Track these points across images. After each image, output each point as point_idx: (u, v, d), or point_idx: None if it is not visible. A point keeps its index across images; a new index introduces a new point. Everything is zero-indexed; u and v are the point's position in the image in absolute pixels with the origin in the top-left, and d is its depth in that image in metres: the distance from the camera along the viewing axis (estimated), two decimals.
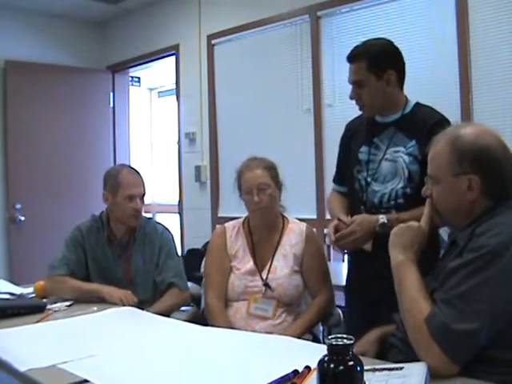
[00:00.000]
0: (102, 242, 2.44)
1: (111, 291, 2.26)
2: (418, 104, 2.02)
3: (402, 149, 1.96)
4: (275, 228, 2.26)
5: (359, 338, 1.65)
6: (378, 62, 1.93)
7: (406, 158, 1.94)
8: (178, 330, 1.89)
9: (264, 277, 2.17)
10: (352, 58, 1.97)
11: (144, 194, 2.44)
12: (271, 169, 2.22)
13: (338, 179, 2.26)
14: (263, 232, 2.26)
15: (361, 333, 1.68)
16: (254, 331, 1.99)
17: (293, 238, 2.23)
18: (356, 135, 2.12)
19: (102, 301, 2.25)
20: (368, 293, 2.00)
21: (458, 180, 1.40)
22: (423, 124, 1.92)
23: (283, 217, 2.30)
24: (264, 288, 2.15)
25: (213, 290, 2.20)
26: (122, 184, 2.39)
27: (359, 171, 2.06)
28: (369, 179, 2.02)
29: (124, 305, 2.18)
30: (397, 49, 1.99)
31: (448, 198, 1.44)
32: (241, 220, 2.33)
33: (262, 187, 2.16)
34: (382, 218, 1.89)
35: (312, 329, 2.19)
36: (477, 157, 1.38)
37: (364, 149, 2.05)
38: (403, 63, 2.01)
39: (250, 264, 2.21)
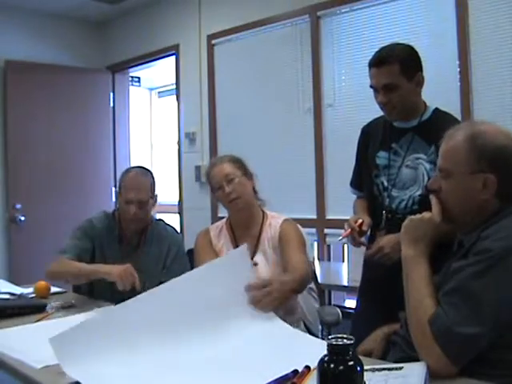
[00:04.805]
0: (113, 240, 2.43)
1: (110, 269, 2.17)
2: (436, 110, 2.01)
3: (422, 156, 1.95)
4: (254, 223, 2.24)
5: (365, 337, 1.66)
6: (410, 63, 1.92)
7: (427, 165, 1.93)
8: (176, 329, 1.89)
9: None
10: (382, 61, 1.92)
11: (145, 201, 2.35)
12: (236, 161, 2.24)
13: (355, 184, 2.26)
14: (243, 227, 2.25)
15: (368, 332, 1.68)
16: None
17: (270, 233, 2.21)
18: (373, 139, 2.11)
19: (102, 301, 2.25)
20: (379, 293, 1.98)
21: (474, 178, 1.37)
22: (442, 131, 1.80)
23: (263, 212, 2.28)
24: None
25: None
26: (124, 186, 2.39)
27: (377, 176, 2.06)
28: (387, 184, 2.02)
29: (124, 285, 2.09)
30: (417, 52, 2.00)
31: (460, 194, 1.40)
32: (224, 220, 2.34)
33: (230, 177, 2.17)
34: None
35: (296, 294, 2.07)
36: (496, 156, 1.37)
37: (382, 154, 2.05)
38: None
39: None
